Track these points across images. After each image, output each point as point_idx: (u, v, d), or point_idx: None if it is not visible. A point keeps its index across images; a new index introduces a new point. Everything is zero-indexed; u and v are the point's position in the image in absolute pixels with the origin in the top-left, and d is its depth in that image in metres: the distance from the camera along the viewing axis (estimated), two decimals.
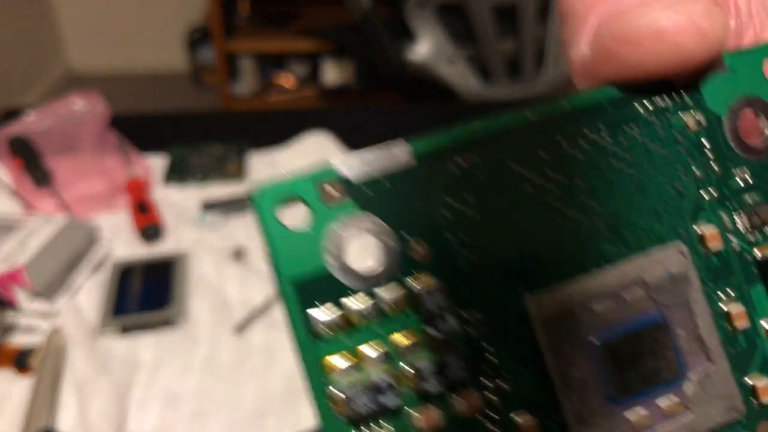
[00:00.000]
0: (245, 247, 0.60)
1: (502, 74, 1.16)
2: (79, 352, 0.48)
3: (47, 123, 0.74)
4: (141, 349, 0.49)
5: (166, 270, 0.56)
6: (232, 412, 0.45)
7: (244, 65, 1.99)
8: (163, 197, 0.66)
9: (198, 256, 0.58)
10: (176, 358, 0.49)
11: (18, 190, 0.66)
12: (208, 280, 0.56)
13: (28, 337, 0.50)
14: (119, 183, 0.66)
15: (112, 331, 0.50)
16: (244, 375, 0.47)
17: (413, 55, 1.13)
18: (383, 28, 1.13)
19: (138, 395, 0.46)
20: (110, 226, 0.62)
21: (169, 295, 0.53)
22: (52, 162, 0.68)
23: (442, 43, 1.13)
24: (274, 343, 0.50)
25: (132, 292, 0.54)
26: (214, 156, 0.73)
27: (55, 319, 0.52)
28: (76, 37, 2.35)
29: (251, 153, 0.74)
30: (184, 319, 0.51)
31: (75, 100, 0.75)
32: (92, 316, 0.52)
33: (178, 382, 0.47)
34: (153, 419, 0.44)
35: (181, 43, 2.27)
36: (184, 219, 0.63)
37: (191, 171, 0.70)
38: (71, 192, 0.66)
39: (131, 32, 2.34)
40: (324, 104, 1.98)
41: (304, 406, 0.45)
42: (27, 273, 0.51)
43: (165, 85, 2.31)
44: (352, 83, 1.91)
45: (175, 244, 0.60)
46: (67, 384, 0.47)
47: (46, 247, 0.53)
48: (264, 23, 1.94)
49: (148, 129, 0.79)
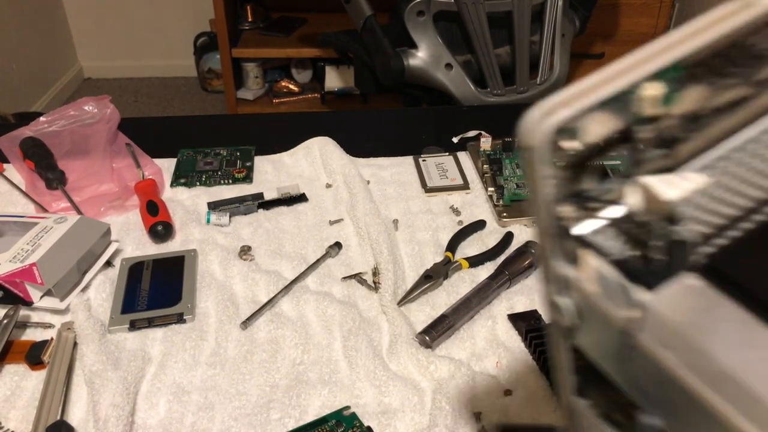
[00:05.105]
0: (251, 246, 0.61)
1: (497, 80, 1.17)
2: (89, 347, 0.49)
3: (59, 126, 0.75)
4: (149, 344, 0.51)
5: (175, 267, 0.57)
6: (237, 405, 0.46)
7: (250, 70, 2.01)
8: (172, 198, 0.68)
9: (205, 254, 0.59)
10: (184, 353, 0.50)
11: (30, 191, 0.67)
12: (214, 277, 0.57)
13: (39, 333, 0.52)
14: (129, 184, 0.67)
15: (121, 327, 0.52)
16: (249, 369, 0.49)
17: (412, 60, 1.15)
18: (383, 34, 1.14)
19: (146, 389, 0.47)
20: (120, 225, 0.64)
21: (177, 291, 0.55)
22: (64, 164, 0.70)
23: (439, 50, 1.14)
24: (278, 338, 0.51)
25: (141, 289, 0.55)
26: (220, 159, 0.74)
27: (67, 316, 0.53)
28: (87, 43, 2.37)
29: (256, 156, 0.75)
30: (192, 315, 0.53)
31: (86, 103, 0.76)
32: (102, 313, 0.53)
33: (185, 376, 0.48)
34: (161, 412, 0.45)
35: (189, 49, 2.29)
36: (192, 219, 0.64)
37: (198, 173, 0.72)
38: (82, 193, 0.67)
39: (141, 39, 2.36)
40: (326, 108, 2.00)
41: (308, 400, 0.46)
42: (39, 270, 0.52)
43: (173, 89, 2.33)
44: (353, 88, 1.92)
45: (183, 242, 0.61)
46: (78, 378, 0.48)
47: (58, 246, 0.54)
48: (269, 30, 1.96)
49: (157, 132, 0.81)
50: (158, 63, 2.38)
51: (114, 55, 2.38)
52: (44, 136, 0.74)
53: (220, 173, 0.72)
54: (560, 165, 0.23)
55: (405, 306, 0.54)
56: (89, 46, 2.37)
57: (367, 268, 0.58)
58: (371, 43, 1.17)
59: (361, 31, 1.18)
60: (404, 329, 0.51)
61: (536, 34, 1.22)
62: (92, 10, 2.29)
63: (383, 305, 0.54)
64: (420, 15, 1.13)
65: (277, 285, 0.56)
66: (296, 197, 0.67)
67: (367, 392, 0.47)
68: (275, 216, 0.65)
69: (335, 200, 0.68)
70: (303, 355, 0.50)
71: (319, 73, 2.02)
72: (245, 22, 1.97)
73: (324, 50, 1.85)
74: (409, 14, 1.13)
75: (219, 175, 0.71)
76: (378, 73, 1.19)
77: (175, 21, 2.30)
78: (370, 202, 0.65)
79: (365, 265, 0.59)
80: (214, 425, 0.44)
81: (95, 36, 2.34)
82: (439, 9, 1.14)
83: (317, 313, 0.53)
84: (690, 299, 0.23)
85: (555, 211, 0.24)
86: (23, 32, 2.04)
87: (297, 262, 0.59)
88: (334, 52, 1.65)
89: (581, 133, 0.23)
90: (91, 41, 2.36)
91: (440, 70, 1.16)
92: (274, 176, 0.72)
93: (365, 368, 0.48)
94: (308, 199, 0.68)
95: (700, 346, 0.21)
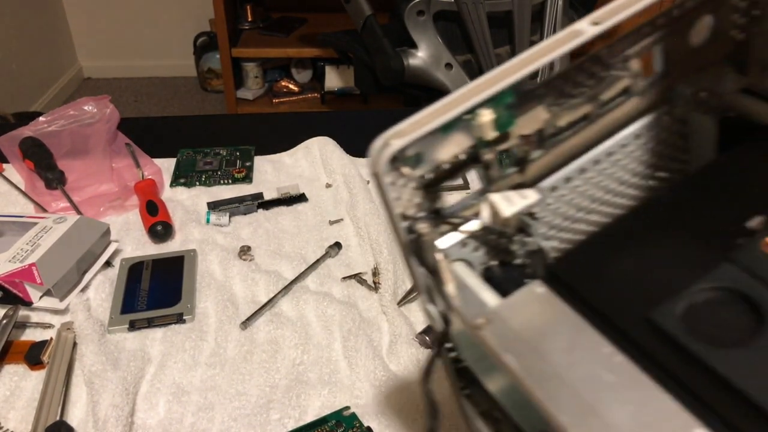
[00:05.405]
0: (250, 246, 0.61)
1: None
2: (89, 347, 0.49)
3: (59, 126, 0.75)
4: (149, 344, 0.50)
5: (174, 268, 0.57)
6: (237, 406, 0.46)
7: (250, 70, 2.01)
8: (171, 198, 0.68)
9: (205, 254, 0.59)
10: (183, 353, 0.50)
11: (30, 191, 0.67)
12: (214, 277, 0.57)
13: (39, 333, 0.52)
14: (129, 184, 0.67)
15: (121, 327, 0.51)
16: (249, 369, 0.48)
17: (412, 60, 1.15)
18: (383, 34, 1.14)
19: (146, 389, 0.47)
20: (120, 225, 0.64)
21: (177, 292, 0.55)
22: (64, 163, 0.70)
23: (439, 49, 1.14)
24: (278, 338, 0.51)
25: (141, 289, 0.55)
26: (220, 158, 0.74)
27: (66, 316, 0.53)
28: (87, 42, 2.38)
29: (256, 156, 0.75)
30: (191, 315, 0.53)
31: (86, 103, 0.76)
32: (102, 313, 0.53)
33: (185, 376, 0.48)
34: (160, 412, 0.45)
35: (189, 48, 2.29)
36: (192, 219, 0.64)
37: (198, 173, 0.72)
38: (82, 193, 0.67)
39: (140, 38, 2.36)
40: (326, 108, 2.00)
41: (308, 400, 0.46)
42: (38, 270, 0.52)
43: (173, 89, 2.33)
44: (353, 88, 1.92)
45: (182, 242, 0.61)
46: (78, 378, 0.48)
47: (57, 246, 0.54)
48: (268, 29, 1.96)
49: (156, 132, 0.81)
50: (158, 63, 2.38)
51: (114, 54, 2.38)
52: (44, 136, 0.74)
53: (219, 173, 0.71)
54: (415, 187, 0.26)
55: (405, 306, 0.54)
56: (89, 45, 2.37)
57: (367, 269, 0.58)
58: (371, 43, 1.17)
59: (361, 30, 1.18)
60: (404, 329, 0.51)
61: (536, 34, 1.22)
62: (92, 10, 2.29)
63: (383, 305, 0.54)
64: (420, 15, 1.13)
65: (277, 285, 0.56)
66: (296, 197, 0.67)
67: (367, 392, 0.47)
68: (275, 216, 0.65)
69: (335, 200, 0.68)
70: (303, 355, 0.50)
71: (319, 72, 2.02)
72: (245, 21, 1.97)
73: (324, 50, 1.85)
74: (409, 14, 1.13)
75: (219, 175, 0.71)
76: (378, 73, 1.19)
77: (175, 21, 2.30)
78: (370, 202, 0.65)
79: (365, 265, 0.59)
80: (213, 426, 0.44)
81: (95, 36, 2.34)
82: (439, 9, 1.14)
83: (317, 314, 0.53)
84: (534, 305, 0.25)
85: (415, 227, 0.26)
86: (23, 32, 2.04)
87: (297, 262, 0.59)
88: (334, 52, 1.65)
89: (427, 158, 0.26)
90: (91, 41, 2.36)
91: (440, 69, 1.16)
92: (273, 176, 0.72)
93: (365, 368, 0.48)
94: (308, 199, 0.68)
95: (536, 349, 0.23)
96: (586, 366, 0.22)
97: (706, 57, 0.33)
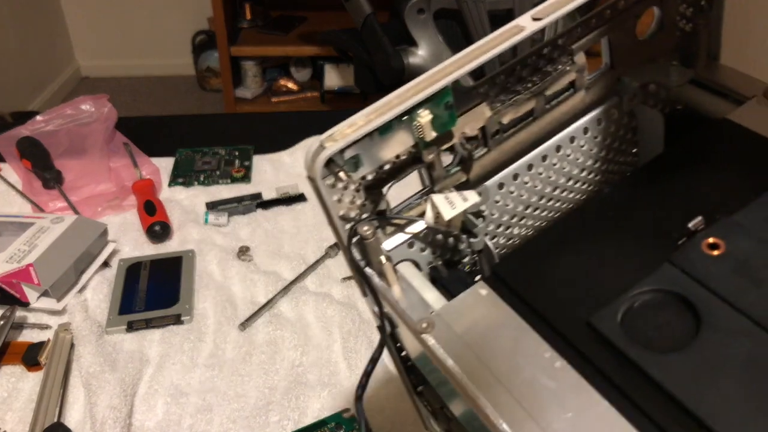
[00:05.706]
0: (249, 246, 0.60)
1: None
2: (86, 348, 0.49)
3: (56, 125, 0.75)
4: (147, 345, 0.50)
5: (172, 268, 0.57)
6: (236, 408, 0.45)
7: (248, 69, 2.01)
8: (169, 197, 0.67)
9: (203, 254, 0.59)
10: (182, 354, 0.49)
11: (27, 191, 0.67)
12: (213, 277, 0.57)
13: (36, 334, 0.51)
14: (127, 184, 0.67)
15: (119, 328, 0.51)
16: (248, 371, 0.48)
17: (412, 59, 1.14)
18: (383, 33, 1.14)
19: (144, 390, 0.47)
20: (118, 225, 0.63)
21: (175, 292, 0.54)
22: (61, 163, 0.70)
23: (439, 48, 1.14)
24: (277, 339, 0.51)
25: (139, 290, 0.55)
26: (218, 158, 0.74)
27: (64, 317, 0.52)
28: (85, 42, 2.37)
29: (255, 155, 0.75)
30: (190, 316, 0.52)
31: (83, 102, 0.76)
32: (100, 314, 0.53)
33: (183, 377, 0.48)
34: (159, 414, 0.45)
35: (187, 47, 2.28)
36: (190, 219, 0.64)
37: (196, 172, 0.71)
38: (79, 192, 0.67)
39: (138, 37, 2.35)
40: (326, 107, 2.00)
41: (307, 402, 0.46)
42: (36, 271, 0.51)
43: (171, 88, 2.33)
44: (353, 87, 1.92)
45: (180, 243, 0.61)
46: (75, 380, 0.47)
47: (55, 246, 0.54)
48: (267, 28, 1.96)
49: (154, 131, 0.80)
50: (156, 62, 2.38)
51: (111, 53, 2.37)
52: (41, 135, 0.73)
53: (218, 173, 0.71)
54: (356, 188, 0.26)
55: None
56: (87, 44, 2.36)
57: None
58: (371, 42, 1.17)
59: (361, 29, 1.17)
60: None
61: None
62: (90, 9, 2.29)
63: None
64: (420, 13, 1.13)
65: (276, 286, 0.55)
66: (295, 197, 0.67)
67: (366, 394, 0.46)
68: (274, 216, 0.65)
69: None
70: (302, 356, 0.49)
71: (319, 71, 2.01)
72: (244, 20, 1.97)
73: (323, 49, 1.84)
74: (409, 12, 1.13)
75: (217, 174, 0.71)
76: (378, 72, 1.19)
77: (173, 19, 2.30)
78: None
79: None
80: (212, 427, 0.44)
81: (93, 35, 2.34)
82: (440, 7, 1.13)
83: (317, 315, 0.53)
84: (477, 308, 0.25)
85: (358, 229, 0.26)
86: (20, 31, 2.04)
87: (296, 263, 0.58)
88: (334, 51, 1.65)
89: (366, 159, 0.25)
90: (89, 40, 2.35)
91: None
92: (272, 176, 0.71)
93: None
94: (307, 198, 0.67)
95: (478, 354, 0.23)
96: (527, 371, 0.22)
97: (654, 49, 0.32)
